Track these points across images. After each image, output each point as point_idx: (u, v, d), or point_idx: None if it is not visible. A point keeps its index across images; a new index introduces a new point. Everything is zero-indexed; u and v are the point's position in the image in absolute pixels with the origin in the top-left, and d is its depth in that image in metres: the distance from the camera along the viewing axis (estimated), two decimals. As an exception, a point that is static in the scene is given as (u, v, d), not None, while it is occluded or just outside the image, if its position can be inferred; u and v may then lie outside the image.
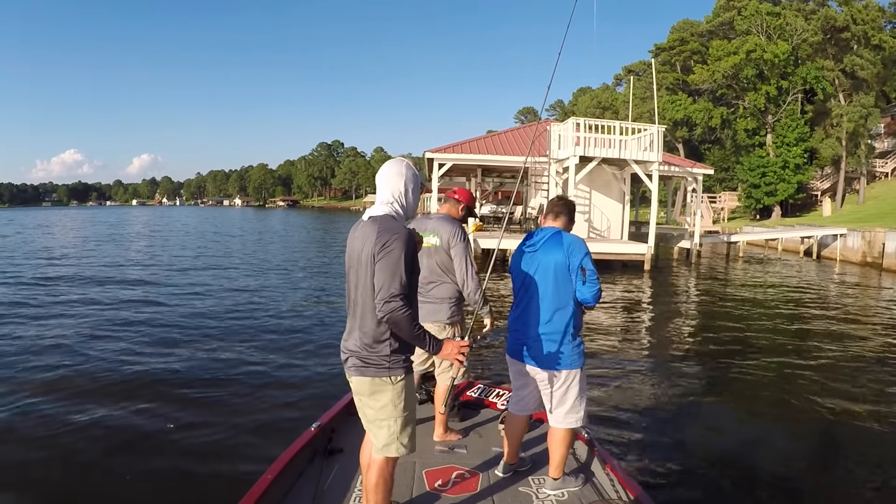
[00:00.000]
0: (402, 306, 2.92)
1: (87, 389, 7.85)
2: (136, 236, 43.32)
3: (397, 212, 3.17)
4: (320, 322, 12.59)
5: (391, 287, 2.93)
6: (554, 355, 3.75)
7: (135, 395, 7.58)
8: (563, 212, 4.03)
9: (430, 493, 3.85)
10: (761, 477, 5.72)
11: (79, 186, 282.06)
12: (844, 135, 45.21)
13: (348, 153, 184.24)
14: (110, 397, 7.51)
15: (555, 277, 3.77)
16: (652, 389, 8.32)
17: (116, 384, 8.07)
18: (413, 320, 2.98)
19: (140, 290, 16.75)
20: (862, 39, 46.01)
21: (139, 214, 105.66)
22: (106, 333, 10.98)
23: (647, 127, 23.80)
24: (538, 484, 4.00)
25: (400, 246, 2.97)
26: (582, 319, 3.91)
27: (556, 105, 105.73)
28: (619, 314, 14.30)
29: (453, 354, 3.21)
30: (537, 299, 3.81)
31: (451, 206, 4.83)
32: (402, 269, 2.95)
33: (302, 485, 3.90)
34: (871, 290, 20.11)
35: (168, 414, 6.98)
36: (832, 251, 29.63)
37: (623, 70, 71.57)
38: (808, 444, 6.65)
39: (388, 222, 3.08)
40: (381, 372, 3.10)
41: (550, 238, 3.87)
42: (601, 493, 3.88)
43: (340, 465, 4.16)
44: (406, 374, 3.17)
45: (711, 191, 53.93)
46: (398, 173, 3.21)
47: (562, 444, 3.87)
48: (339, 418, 4.81)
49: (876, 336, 12.28)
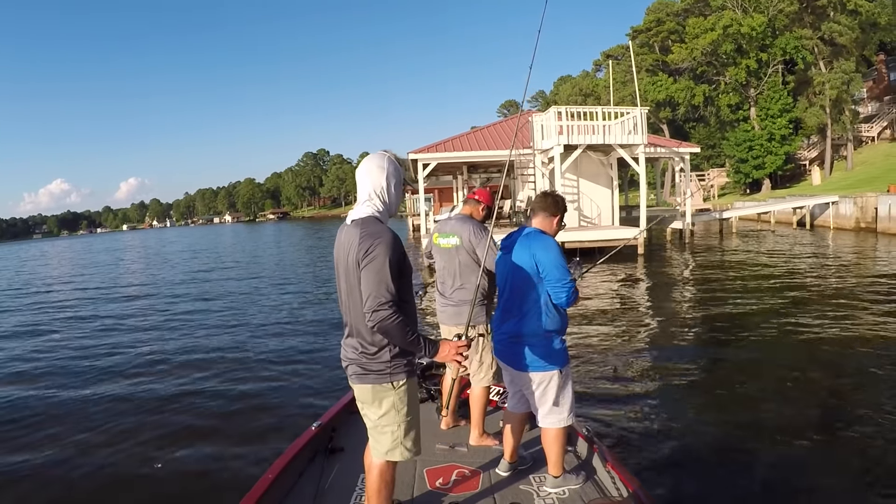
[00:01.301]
0: (390, 314, 2.78)
1: (87, 389, 8.26)
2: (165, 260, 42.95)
3: (379, 210, 3.03)
4: (321, 322, 12.79)
5: (378, 295, 2.79)
6: (528, 357, 3.69)
7: (134, 396, 7.86)
8: (539, 208, 3.92)
9: (432, 491, 3.84)
10: (761, 469, 5.61)
11: (68, 216, 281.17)
12: (828, 102, 45.15)
13: (334, 161, 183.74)
14: (110, 397, 7.85)
15: (526, 279, 3.69)
16: (652, 383, 8.09)
17: (116, 385, 8.39)
18: (405, 327, 2.84)
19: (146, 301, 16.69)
20: (838, 5, 45.87)
21: (133, 239, 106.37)
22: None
23: (630, 110, 23.56)
24: (539, 482, 3.97)
25: (384, 251, 2.83)
26: (563, 320, 3.79)
27: (538, 95, 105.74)
28: (614, 302, 14.08)
29: (451, 356, 3.06)
30: (512, 300, 3.78)
31: (471, 206, 4.80)
32: (388, 274, 2.81)
33: (303, 484, 3.90)
34: (867, 257, 19.97)
35: (169, 413, 7.17)
36: (825, 219, 29.59)
37: (602, 55, 71.65)
38: (808, 435, 6.34)
39: (370, 225, 2.93)
40: (382, 378, 3.02)
41: (522, 239, 3.80)
42: (602, 491, 3.84)
43: (341, 465, 4.15)
44: (408, 378, 3.09)
45: (699, 169, 53.98)
46: (379, 167, 3.06)
47: (553, 442, 3.81)
48: (340, 417, 4.81)
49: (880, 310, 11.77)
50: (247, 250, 44.38)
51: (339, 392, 5.60)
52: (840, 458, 5.80)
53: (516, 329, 3.73)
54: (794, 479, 5.44)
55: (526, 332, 3.70)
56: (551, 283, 3.61)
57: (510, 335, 3.77)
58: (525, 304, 3.70)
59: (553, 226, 3.89)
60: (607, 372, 8.45)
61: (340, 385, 6.16)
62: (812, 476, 5.48)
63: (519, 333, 3.72)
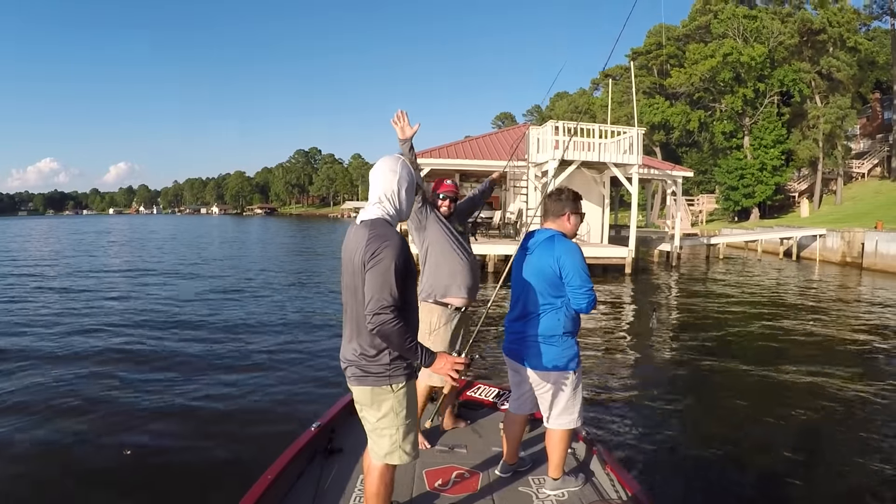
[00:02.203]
0: (391, 319, 2.76)
1: (86, 388, 8.08)
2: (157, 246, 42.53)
3: (389, 213, 3.00)
4: (321, 322, 12.81)
5: (381, 299, 2.77)
6: (545, 356, 3.70)
7: (133, 394, 7.79)
8: (547, 212, 3.91)
9: (430, 492, 3.83)
10: (756, 471, 5.81)
11: (55, 195, 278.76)
12: (821, 136, 45.58)
13: (326, 160, 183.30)
14: (110, 395, 7.77)
15: (547, 281, 3.70)
16: (644, 390, 8.34)
17: (115, 383, 8.28)
18: (405, 333, 2.80)
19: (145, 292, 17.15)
20: (838, 41, 46.37)
21: (120, 223, 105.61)
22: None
23: (627, 129, 23.59)
24: (538, 484, 3.96)
25: (391, 254, 2.80)
26: (578, 322, 3.84)
27: (534, 110, 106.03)
28: (605, 318, 14.20)
29: (445, 369, 3.01)
30: (531, 301, 3.76)
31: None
32: (393, 278, 2.79)
33: (302, 485, 3.89)
34: (850, 288, 20.37)
35: (167, 413, 7.10)
36: (812, 252, 29.70)
37: (601, 75, 71.81)
38: (798, 439, 6.71)
39: (379, 227, 2.91)
40: (381, 381, 2.98)
41: (544, 242, 3.79)
42: (601, 493, 3.84)
43: (340, 465, 4.13)
44: (407, 381, 3.05)
45: (689, 193, 54.17)
46: (391, 170, 3.03)
47: (559, 444, 3.81)
48: (340, 418, 4.77)
49: (859, 332, 12.69)
50: (241, 241, 44.11)
51: (339, 393, 5.57)
52: (831, 463, 6.06)
53: (534, 329, 3.73)
54: (790, 483, 5.55)
55: (543, 333, 3.71)
56: (573, 289, 3.62)
57: (527, 335, 3.77)
58: (544, 304, 3.70)
59: (567, 224, 3.86)
60: (599, 379, 8.68)
61: (340, 386, 6.14)
62: (805, 481, 5.60)
63: (536, 333, 3.72)
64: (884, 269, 24.32)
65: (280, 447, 4.09)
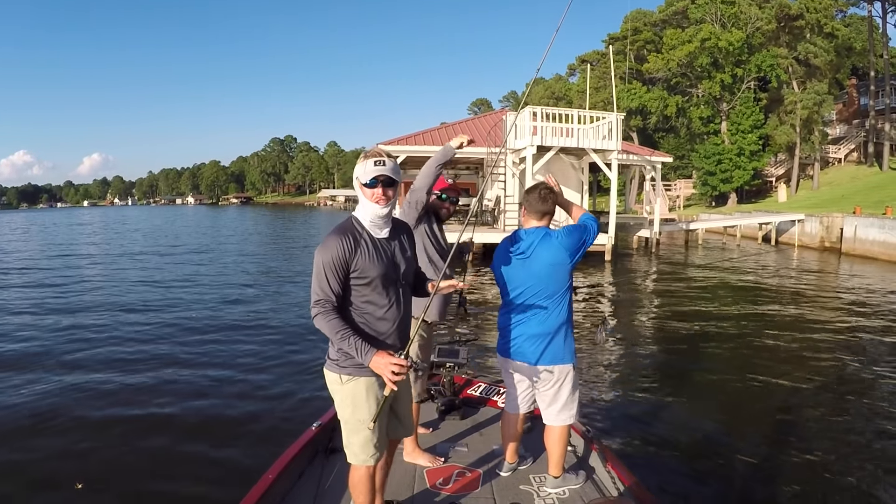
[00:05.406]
0: (318, 312, 2.85)
1: (86, 387, 8.08)
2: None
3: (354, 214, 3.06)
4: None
5: (312, 293, 2.90)
6: (548, 352, 3.69)
7: (134, 395, 7.77)
8: (546, 210, 3.79)
9: (431, 491, 3.84)
10: (750, 462, 5.84)
11: (28, 188, 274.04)
12: (798, 121, 45.67)
13: (301, 148, 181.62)
14: (110, 395, 7.77)
15: (552, 278, 3.64)
16: (631, 382, 8.44)
17: (114, 382, 8.29)
18: (335, 327, 2.82)
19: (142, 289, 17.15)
20: (815, 27, 46.49)
21: (93, 215, 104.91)
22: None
23: (606, 115, 23.30)
24: (539, 482, 3.95)
25: (319, 250, 2.90)
26: (572, 313, 3.82)
27: (510, 96, 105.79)
28: (586, 307, 14.12)
29: (384, 370, 2.82)
30: (533, 301, 3.70)
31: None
32: (323, 273, 2.86)
33: (303, 484, 3.89)
34: (830, 274, 20.43)
35: (166, 413, 7.11)
36: (790, 237, 29.70)
37: (577, 60, 71.64)
38: (799, 434, 6.70)
39: (338, 225, 3.00)
40: (332, 368, 3.02)
41: (541, 241, 3.69)
42: (602, 490, 3.86)
43: (341, 465, 4.00)
44: (359, 378, 2.96)
45: (666, 179, 54.15)
46: (357, 165, 3.04)
47: (559, 442, 3.81)
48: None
49: (840, 316, 13.01)
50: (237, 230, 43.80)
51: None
52: (828, 457, 6.01)
53: (538, 326, 3.68)
54: (789, 478, 5.58)
55: (550, 329, 3.68)
56: (579, 223, 3.72)
57: (530, 333, 3.70)
58: (552, 301, 3.66)
59: (549, 222, 3.84)
60: (596, 372, 8.81)
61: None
62: (805, 476, 5.62)
63: (544, 331, 3.68)
64: (862, 254, 24.35)
65: (281, 447, 4.09)
